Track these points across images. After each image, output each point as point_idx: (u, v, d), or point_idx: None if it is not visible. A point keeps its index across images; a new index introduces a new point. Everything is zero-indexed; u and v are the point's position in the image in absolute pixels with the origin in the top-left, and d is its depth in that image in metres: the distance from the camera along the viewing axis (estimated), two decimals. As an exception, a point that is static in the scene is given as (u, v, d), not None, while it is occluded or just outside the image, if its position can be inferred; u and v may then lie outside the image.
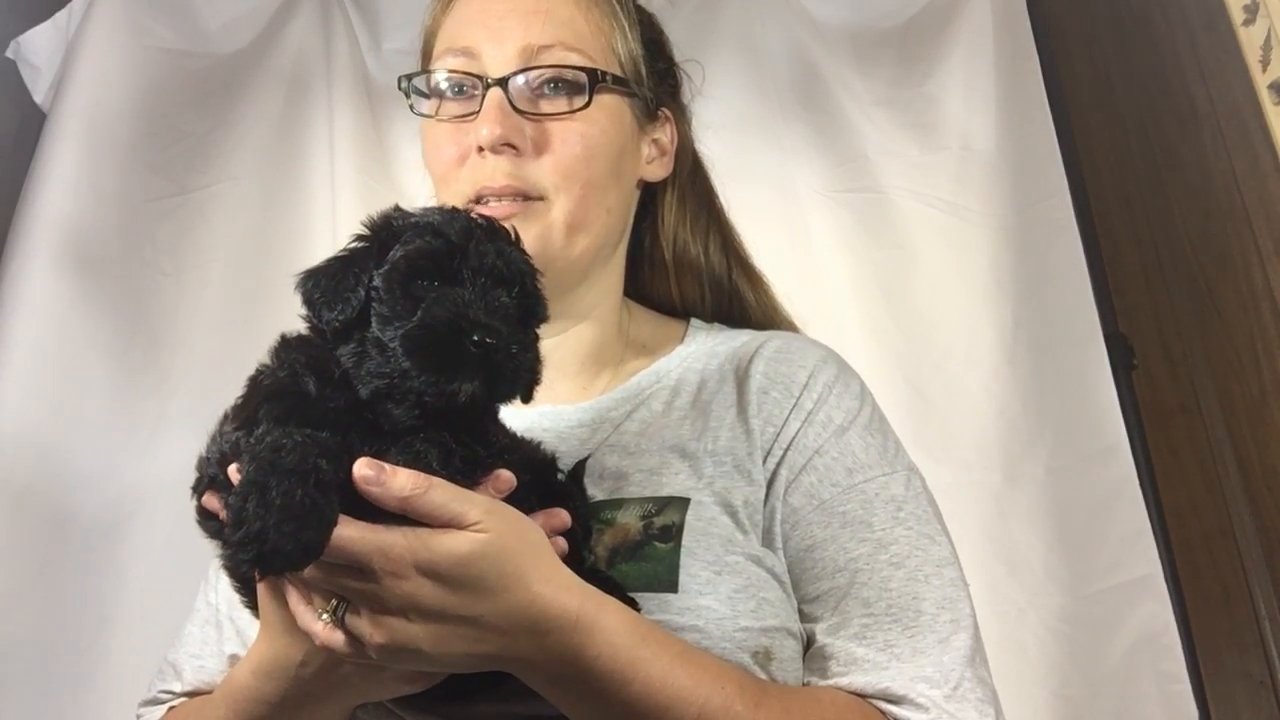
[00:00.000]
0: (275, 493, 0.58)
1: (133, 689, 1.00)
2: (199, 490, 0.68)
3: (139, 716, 0.95)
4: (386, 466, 0.62)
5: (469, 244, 0.70)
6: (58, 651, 1.62)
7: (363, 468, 0.62)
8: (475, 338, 0.65)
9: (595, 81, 0.92)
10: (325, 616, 0.65)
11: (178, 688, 0.92)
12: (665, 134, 1.03)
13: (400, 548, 0.62)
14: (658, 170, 1.02)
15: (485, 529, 0.64)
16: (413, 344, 0.66)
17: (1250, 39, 1.59)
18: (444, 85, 0.95)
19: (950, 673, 0.76)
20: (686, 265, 1.05)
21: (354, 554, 0.61)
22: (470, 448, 0.68)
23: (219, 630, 0.92)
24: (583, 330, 0.98)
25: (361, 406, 0.68)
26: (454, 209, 0.75)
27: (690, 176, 1.07)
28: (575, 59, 0.92)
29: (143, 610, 1.64)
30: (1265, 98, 1.55)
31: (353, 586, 0.63)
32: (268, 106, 1.99)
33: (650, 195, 1.05)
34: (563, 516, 0.74)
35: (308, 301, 0.72)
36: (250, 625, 0.84)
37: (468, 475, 0.67)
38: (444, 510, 0.63)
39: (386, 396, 0.67)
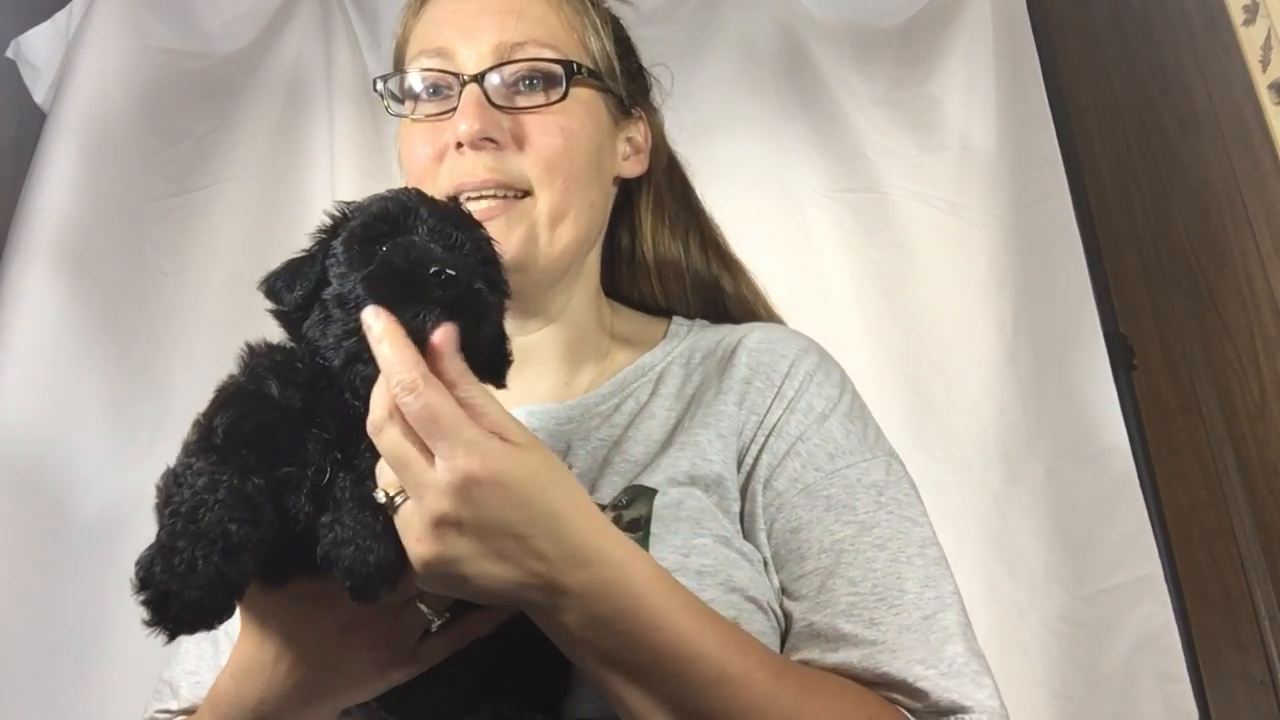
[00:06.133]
0: (180, 559, 0.59)
1: (132, 691, 0.99)
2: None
3: None
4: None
5: (421, 206, 0.71)
6: (58, 652, 1.61)
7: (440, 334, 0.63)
8: (434, 269, 0.65)
9: (571, 74, 0.93)
10: (388, 495, 0.64)
11: (174, 706, 0.91)
12: (639, 132, 1.03)
13: (461, 425, 0.62)
14: (634, 167, 1.02)
15: (529, 446, 0.64)
16: (373, 281, 0.66)
17: (1250, 39, 1.59)
18: (419, 87, 0.95)
19: (941, 651, 0.77)
20: (668, 265, 1.05)
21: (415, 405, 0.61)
22: None
23: (215, 645, 0.91)
24: (557, 329, 0.98)
25: (321, 407, 0.67)
26: (404, 187, 0.75)
27: (666, 177, 1.07)
28: (549, 54, 0.93)
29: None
30: (1265, 98, 1.55)
31: (413, 458, 0.62)
32: (268, 106, 1.99)
33: (626, 196, 1.05)
34: None
35: (270, 293, 0.72)
36: None
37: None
38: (494, 414, 0.64)
39: (357, 357, 0.66)
